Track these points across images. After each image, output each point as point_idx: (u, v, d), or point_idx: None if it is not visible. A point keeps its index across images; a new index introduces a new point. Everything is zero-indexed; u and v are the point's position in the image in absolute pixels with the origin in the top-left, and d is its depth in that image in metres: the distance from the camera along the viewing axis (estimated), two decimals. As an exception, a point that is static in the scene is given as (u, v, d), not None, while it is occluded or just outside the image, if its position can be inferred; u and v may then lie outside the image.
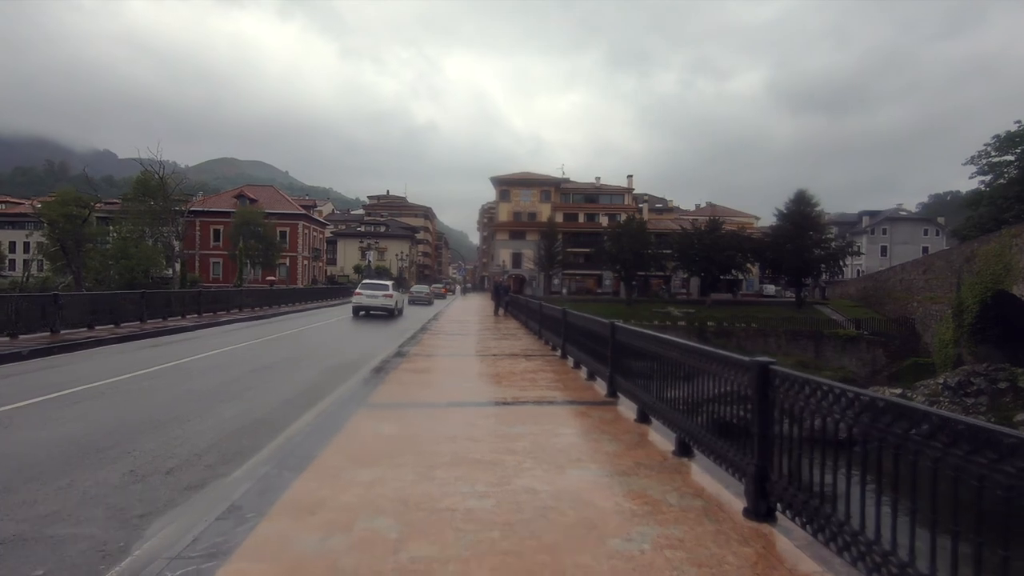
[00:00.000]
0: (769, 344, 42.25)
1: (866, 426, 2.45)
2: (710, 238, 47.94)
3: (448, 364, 9.98)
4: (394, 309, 24.09)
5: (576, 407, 6.36)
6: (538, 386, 7.65)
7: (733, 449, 3.53)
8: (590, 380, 8.01)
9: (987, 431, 1.93)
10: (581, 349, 8.71)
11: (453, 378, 8.47)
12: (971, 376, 31.99)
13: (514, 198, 65.47)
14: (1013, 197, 38.18)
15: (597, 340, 7.45)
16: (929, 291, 40.37)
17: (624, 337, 6.26)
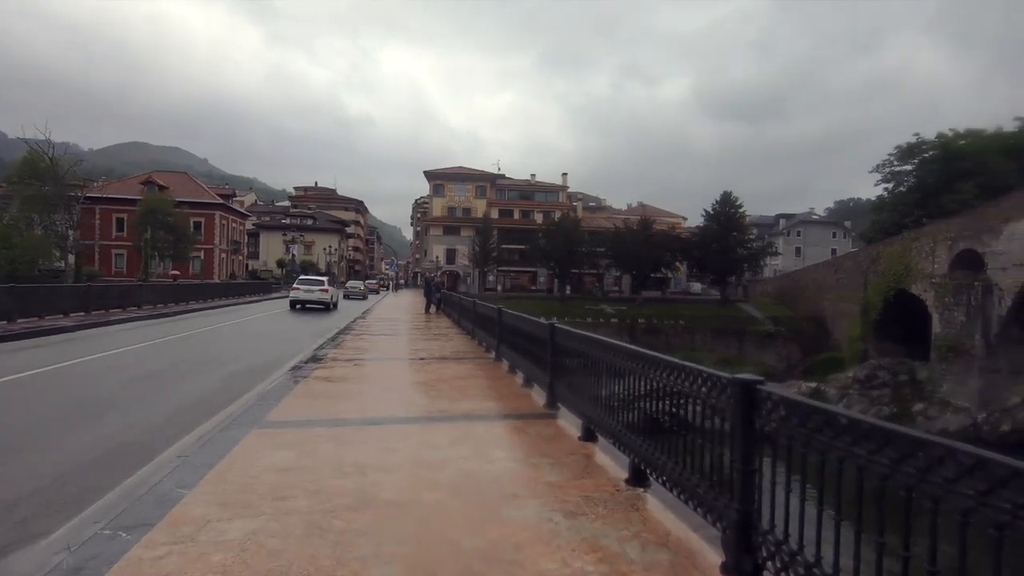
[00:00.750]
0: (696, 341, 43.65)
1: (912, 477, 1.81)
2: (641, 237, 48.89)
3: (370, 370, 8.91)
4: (329, 303, 25.95)
5: (512, 422, 5.59)
6: (469, 396, 6.83)
7: (706, 486, 2.87)
8: (527, 387, 7.29)
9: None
10: (517, 352, 7.97)
11: (373, 387, 7.45)
12: (876, 370, 34.23)
13: (448, 193, 64.17)
14: (912, 203, 41.31)
15: (535, 343, 6.72)
16: (839, 290, 42.99)
17: (565, 340, 5.56)
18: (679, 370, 3.25)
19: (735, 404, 2.61)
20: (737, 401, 2.60)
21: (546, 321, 6.16)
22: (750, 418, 2.57)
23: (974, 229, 31.72)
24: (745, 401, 2.57)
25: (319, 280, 27.50)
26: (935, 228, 34.82)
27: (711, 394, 2.84)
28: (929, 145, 42.27)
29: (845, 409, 2.24)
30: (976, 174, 38.26)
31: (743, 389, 2.60)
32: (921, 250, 35.17)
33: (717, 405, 2.78)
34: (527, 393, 7.00)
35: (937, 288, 32.93)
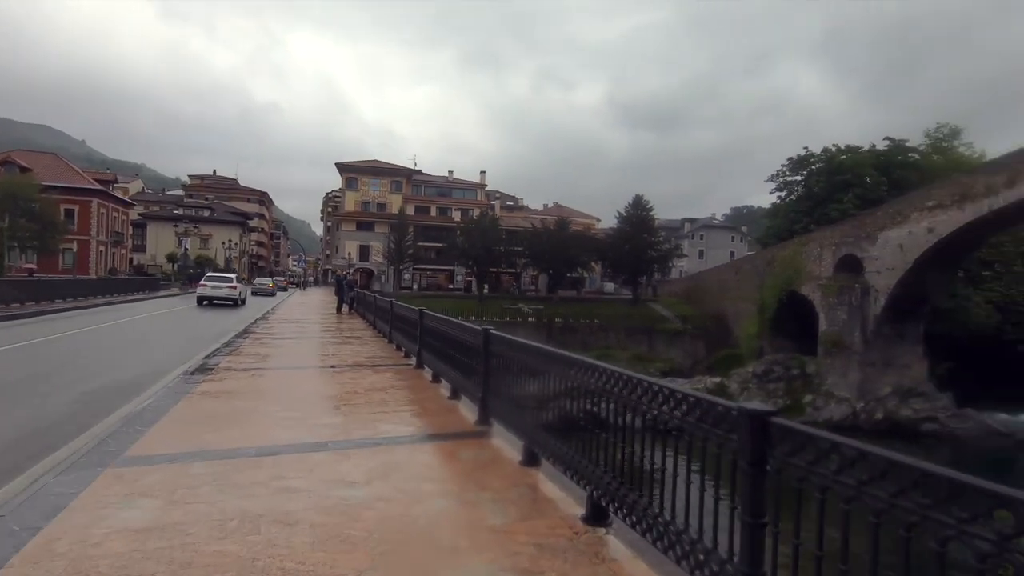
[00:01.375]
0: (610, 339, 44.81)
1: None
2: (558, 237, 49.45)
3: (270, 382, 7.68)
4: (238, 299, 26.71)
5: (440, 444, 4.85)
6: (389, 413, 5.97)
7: (694, 537, 2.31)
8: (454, 399, 6.54)
9: None
10: (443, 359, 7.20)
11: (272, 405, 6.24)
12: (772, 365, 36.73)
13: (362, 187, 61.52)
14: (802, 211, 44.88)
15: (465, 350, 6.00)
16: (739, 291, 45.81)
17: (503, 349, 4.90)
18: (664, 395, 2.65)
19: (745, 441, 2.07)
20: (748, 437, 2.06)
21: (478, 326, 5.46)
22: (763, 459, 2.04)
23: (854, 236, 34.83)
24: (759, 437, 2.04)
25: (227, 277, 28.90)
26: (821, 234, 37.97)
27: (713, 428, 2.28)
28: (816, 158, 46.14)
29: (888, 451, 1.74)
30: (855, 186, 42.22)
31: (755, 422, 2.07)
32: (810, 254, 38.15)
33: (721, 443, 2.23)
34: (454, 407, 6.26)
35: (823, 289, 35.84)
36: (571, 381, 3.55)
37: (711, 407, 2.31)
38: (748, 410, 2.13)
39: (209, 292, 25.98)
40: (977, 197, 27.27)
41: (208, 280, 27.40)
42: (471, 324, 5.78)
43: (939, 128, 48.54)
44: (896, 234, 31.83)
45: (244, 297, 29.03)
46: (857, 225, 34.99)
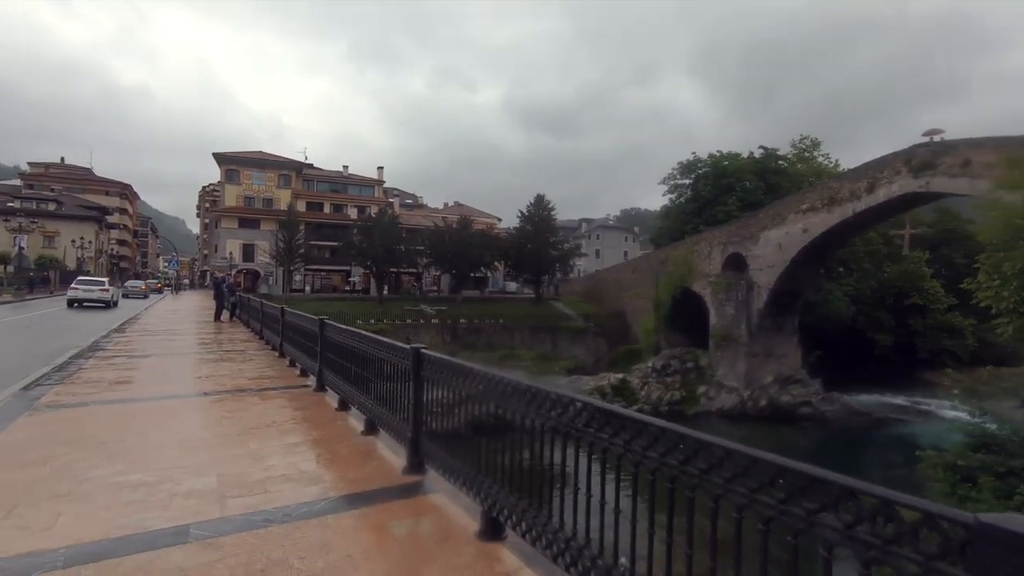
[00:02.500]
0: (515, 339, 44.52)
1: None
2: (461, 236, 48.31)
3: (112, 423, 5.69)
4: (110, 301, 28.02)
5: (361, 511, 3.53)
6: (283, 461, 4.52)
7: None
8: (370, 433, 5.22)
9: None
10: (354, 383, 5.83)
11: (109, 462, 4.35)
12: (670, 359, 38.31)
13: (245, 180, 56.18)
14: (692, 212, 47.49)
15: (385, 374, 4.74)
16: (636, 288, 47.56)
17: (444, 375, 3.74)
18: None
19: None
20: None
21: (406, 345, 4.23)
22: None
23: (739, 236, 37.27)
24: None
25: (99, 280, 30.01)
26: (710, 234, 40.31)
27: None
28: (703, 163, 49.07)
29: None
30: (738, 189, 45.39)
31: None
32: (700, 253, 40.34)
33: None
34: (372, 447, 4.94)
35: (713, 286, 38.01)
36: (546, 420, 2.51)
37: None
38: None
39: (81, 295, 27.13)
40: (843, 201, 30.08)
41: (79, 283, 28.69)
42: (395, 342, 4.51)
43: (802, 139, 53.81)
44: (776, 234, 34.42)
45: (116, 300, 30.26)
46: (742, 226, 37.47)
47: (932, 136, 26.74)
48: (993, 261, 12.09)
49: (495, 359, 40.43)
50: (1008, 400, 15.78)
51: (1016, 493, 11.95)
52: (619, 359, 44.37)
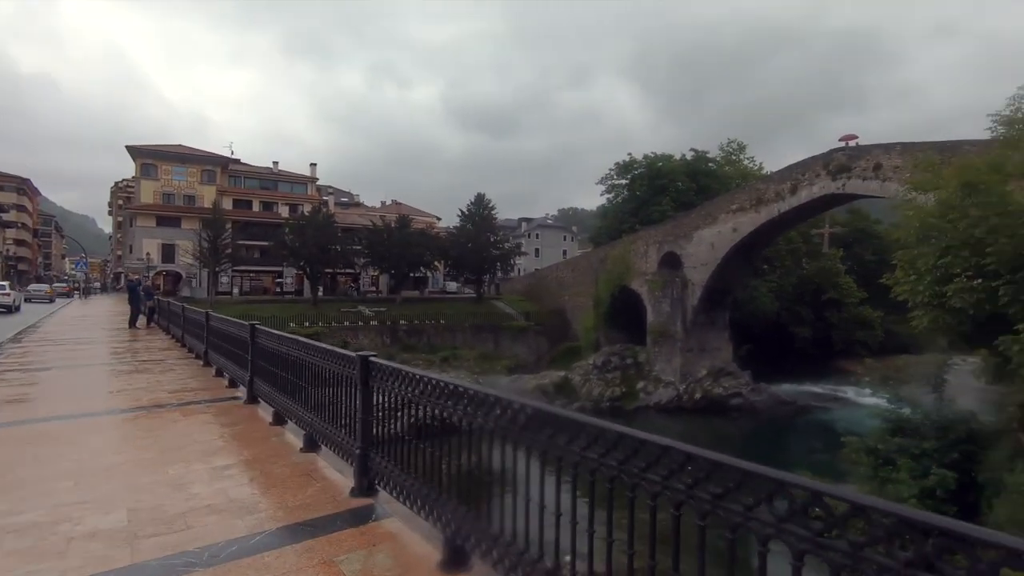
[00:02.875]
0: (456, 339, 43.99)
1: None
2: (400, 235, 47.19)
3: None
4: (12, 305, 27.80)
5: (304, 545, 3.06)
6: (210, 488, 3.98)
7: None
8: (310, 450, 4.74)
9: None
10: (289, 393, 5.30)
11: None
12: (610, 356, 39.04)
13: (164, 176, 52.40)
14: (628, 212, 48.65)
15: (325, 382, 4.28)
16: (576, 287, 48.20)
17: (396, 386, 3.37)
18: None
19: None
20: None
21: (352, 353, 3.81)
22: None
23: (674, 235, 38.49)
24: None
25: (1, 284, 29.92)
26: (647, 233, 41.42)
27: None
28: (638, 164, 50.38)
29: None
30: (671, 190, 46.89)
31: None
32: (637, 252, 41.37)
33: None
34: (313, 465, 4.47)
35: (649, 284, 39.07)
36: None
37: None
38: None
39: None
40: (770, 202, 31.66)
41: None
42: (340, 350, 4.06)
43: (730, 143, 56.45)
44: (708, 233, 35.79)
45: (19, 304, 29.72)
46: (676, 225, 38.73)
47: (848, 141, 28.58)
48: (908, 257, 12.93)
49: (436, 360, 39.80)
50: (920, 386, 16.99)
51: (932, 473, 12.85)
52: (560, 357, 44.79)
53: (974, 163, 11.22)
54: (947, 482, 12.48)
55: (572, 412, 2.32)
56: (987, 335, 11.78)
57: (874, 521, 1.38)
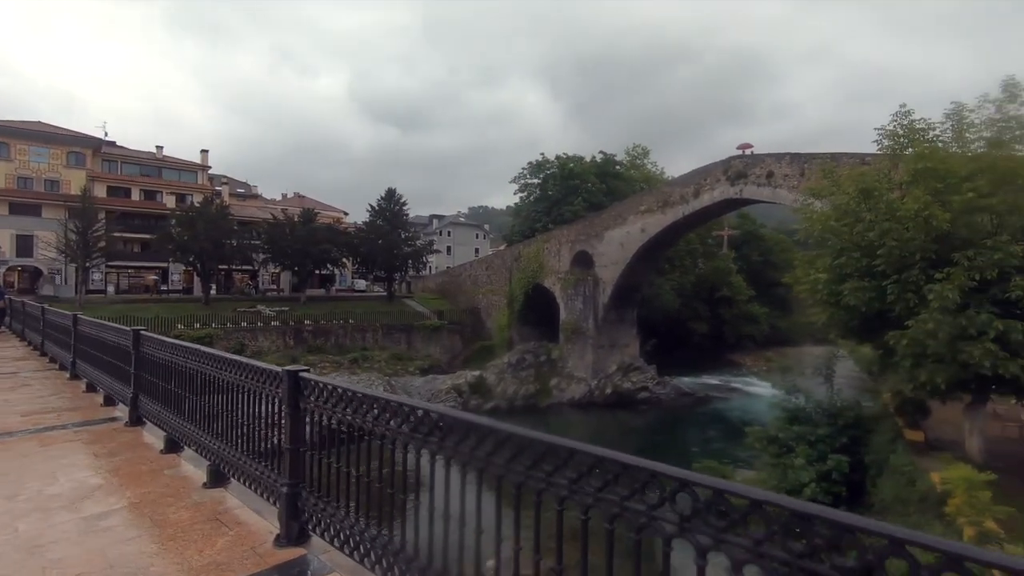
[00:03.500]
0: (367, 339, 42.21)
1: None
2: (304, 230, 44.43)
3: None
4: None
5: None
6: (80, 541, 3.06)
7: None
8: (217, 484, 3.89)
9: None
10: (191, 418, 4.37)
11: None
12: (524, 354, 39.24)
13: (19, 156, 45.54)
14: (542, 211, 49.24)
15: (245, 408, 3.50)
16: (490, 285, 48.06)
17: (336, 406, 2.72)
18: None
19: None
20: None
21: (280, 368, 3.09)
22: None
23: (586, 234, 39.42)
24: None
25: None
26: (560, 232, 42.11)
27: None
28: (551, 164, 51.14)
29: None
30: (582, 191, 48.04)
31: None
32: (550, 251, 41.95)
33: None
34: (222, 506, 3.62)
35: (562, 282, 39.75)
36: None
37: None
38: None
39: None
40: (675, 204, 33.24)
41: None
42: (261, 364, 3.29)
43: (635, 147, 59.00)
44: (618, 233, 36.98)
45: None
46: (588, 225, 39.68)
47: (744, 149, 30.64)
48: (808, 258, 13.88)
49: (345, 362, 37.93)
50: (811, 377, 18.42)
51: (828, 458, 13.90)
52: (475, 356, 44.43)
53: (868, 172, 12.19)
54: (842, 466, 13.53)
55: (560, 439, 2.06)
56: (874, 330, 12.88)
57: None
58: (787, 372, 17.57)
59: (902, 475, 11.80)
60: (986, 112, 12.56)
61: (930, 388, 11.08)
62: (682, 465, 1.68)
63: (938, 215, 10.20)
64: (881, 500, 12.59)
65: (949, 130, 12.21)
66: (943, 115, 12.69)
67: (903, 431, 13.56)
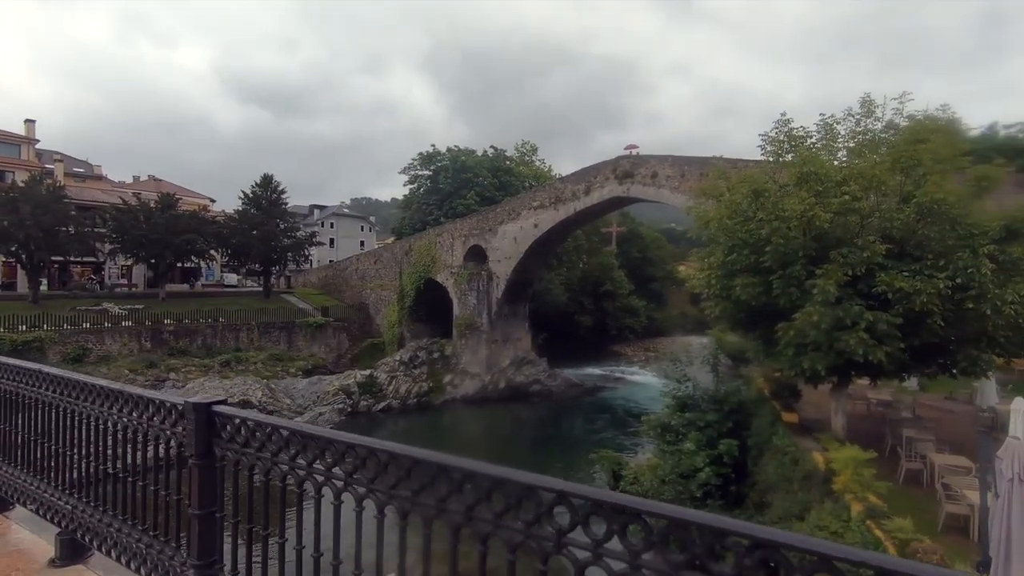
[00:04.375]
0: (241, 339, 38.48)
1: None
2: (163, 218, 39.29)
3: None
4: None
5: None
6: None
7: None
8: (72, 561, 2.76)
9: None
10: (30, 466, 3.13)
11: None
12: (417, 351, 38.13)
13: None
14: (433, 204, 48.11)
15: (118, 453, 2.49)
16: (379, 279, 46.09)
17: (267, 451, 1.94)
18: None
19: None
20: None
21: (183, 400, 2.17)
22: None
23: (480, 229, 39.11)
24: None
25: None
26: (452, 226, 41.37)
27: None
28: (442, 156, 50.13)
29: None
30: (475, 184, 47.66)
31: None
32: (443, 244, 41.09)
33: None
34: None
35: (456, 277, 39.12)
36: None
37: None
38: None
39: None
40: (567, 200, 34.01)
41: None
42: (146, 392, 2.31)
43: (524, 144, 59.78)
44: (512, 228, 37.10)
45: None
46: (482, 219, 39.38)
47: (631, 150, 32.10)
48: (702, 254, 14.63)
49: (215, 365, 34.18)
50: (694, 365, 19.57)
51: (720, 443, 14.78)
52: (363, 354, 42.37)
53: (757, 174, 13.04)
54: (732, 450, 14.45)
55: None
56: (758, 322, 13.88)
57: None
58: (676, 362, 18.47)
59: (785, 455, 12.82)
60: (849, 124, 14.05)
61: (810, 374, 12.10)
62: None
63: (820, 216, 11.13)
64: (765, 479, 13.61)
65: (823, 139, 13.46)
66: (815, 126, 13.98)
67: (781, 414, 14.82)
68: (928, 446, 11.99)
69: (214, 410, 2.09)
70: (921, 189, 11.30)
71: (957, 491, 9.32)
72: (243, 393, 28.15)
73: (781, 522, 11.41)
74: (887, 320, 10.84)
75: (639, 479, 18.24)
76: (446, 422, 34.13)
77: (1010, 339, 11.40)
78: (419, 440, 29.81)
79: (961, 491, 9.24)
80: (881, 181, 11.58)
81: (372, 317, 45.82)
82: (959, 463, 10.62)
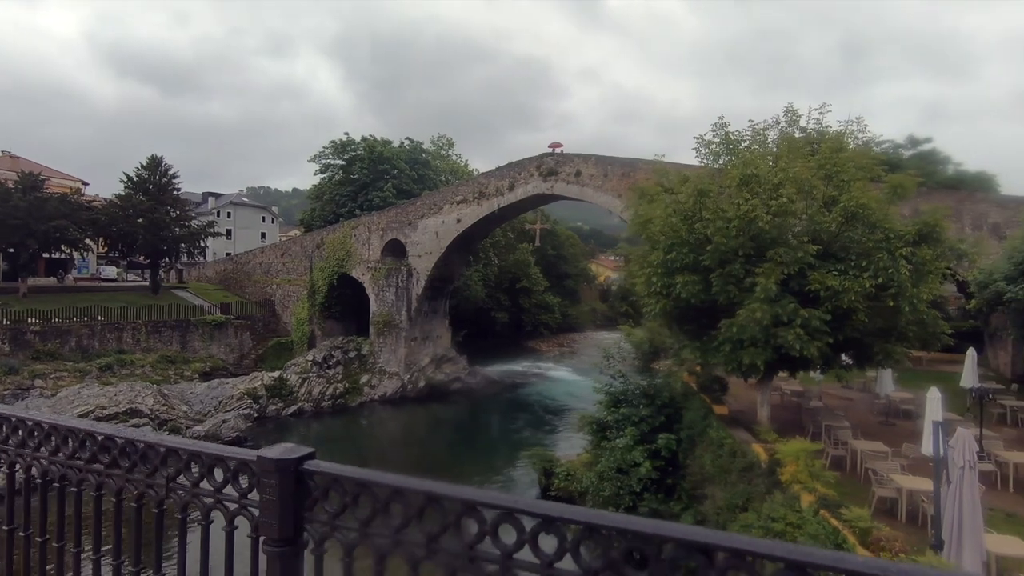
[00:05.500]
0: (125, 340, 34.32)
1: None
2: (26, 201, 34.01)
3: None
4: None
5: None
6: None
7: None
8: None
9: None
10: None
11: None
12: (332, 350, 36.04)
13: None
14: (347, 195, 45.71)
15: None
16: (287, 274, 43.12)
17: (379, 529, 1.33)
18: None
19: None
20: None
21: (249, 450, 1.47)
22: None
23: (399, 222, 37.68)
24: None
25: None
26: (369, 219, 39.52)
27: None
28: (357, 145, 47.75)
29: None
30: (392, 176, 45.89)
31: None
32: (359, 238, 39.16)
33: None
34: None
35: (373, 272, 37.45)
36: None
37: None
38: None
39: None
40: (491, 196, 33.61)
41: None
42: (159, 437, 1.59)
43: (440, 137, 58.59)
44: (433, 222, 36.08)
45: None
46: (401, 212, 37.94)
47: (555, 148, 32.30)
48: (642, 252, 14.83)
49: (93, 369, 30.15)
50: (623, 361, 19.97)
51: (658, 437, 15.10)
52: (269, 354, 39.45)
53: (703, 175, 13.39)
54: (670, 444, 14.80)
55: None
56: (695, 319, 14.30)
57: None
58: (609, 358, 18.71)
59: (721, 447, 13.30)
60: (775, 132, 14.87)
61: (748, 368, 12.62)
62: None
63: (762, 216, 11.59)
64: (701, 470, 14.07)
65: (754, 144, 14.12)
66: (746, 131, 14.65)
67: (712, 407, 15.42)
68: (846, 433, 12.96)
69: (304, 468, 1.40)
70: (845, 194, 12.13)
71: (884, 475, 10.06)
72: (131, 401, 25.00)
73: (723, 513, 11.81)
74: (819, 316, 11.51)
75: (573, 476, 18.31)
76: (363, 424, 32.57)
77: (916, 333, 12.59)
78: (335, 444, 28.11)
79: (888, 475, 9.99)
80: (812, 185, 12.29)
81: (279, 314, 42.79)
82: (878, 448, 11.53)
